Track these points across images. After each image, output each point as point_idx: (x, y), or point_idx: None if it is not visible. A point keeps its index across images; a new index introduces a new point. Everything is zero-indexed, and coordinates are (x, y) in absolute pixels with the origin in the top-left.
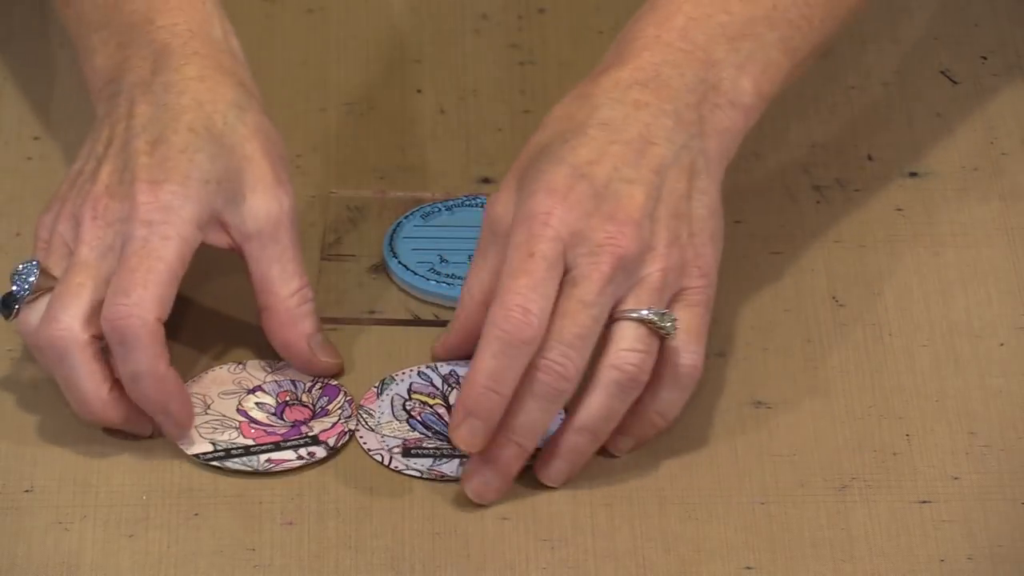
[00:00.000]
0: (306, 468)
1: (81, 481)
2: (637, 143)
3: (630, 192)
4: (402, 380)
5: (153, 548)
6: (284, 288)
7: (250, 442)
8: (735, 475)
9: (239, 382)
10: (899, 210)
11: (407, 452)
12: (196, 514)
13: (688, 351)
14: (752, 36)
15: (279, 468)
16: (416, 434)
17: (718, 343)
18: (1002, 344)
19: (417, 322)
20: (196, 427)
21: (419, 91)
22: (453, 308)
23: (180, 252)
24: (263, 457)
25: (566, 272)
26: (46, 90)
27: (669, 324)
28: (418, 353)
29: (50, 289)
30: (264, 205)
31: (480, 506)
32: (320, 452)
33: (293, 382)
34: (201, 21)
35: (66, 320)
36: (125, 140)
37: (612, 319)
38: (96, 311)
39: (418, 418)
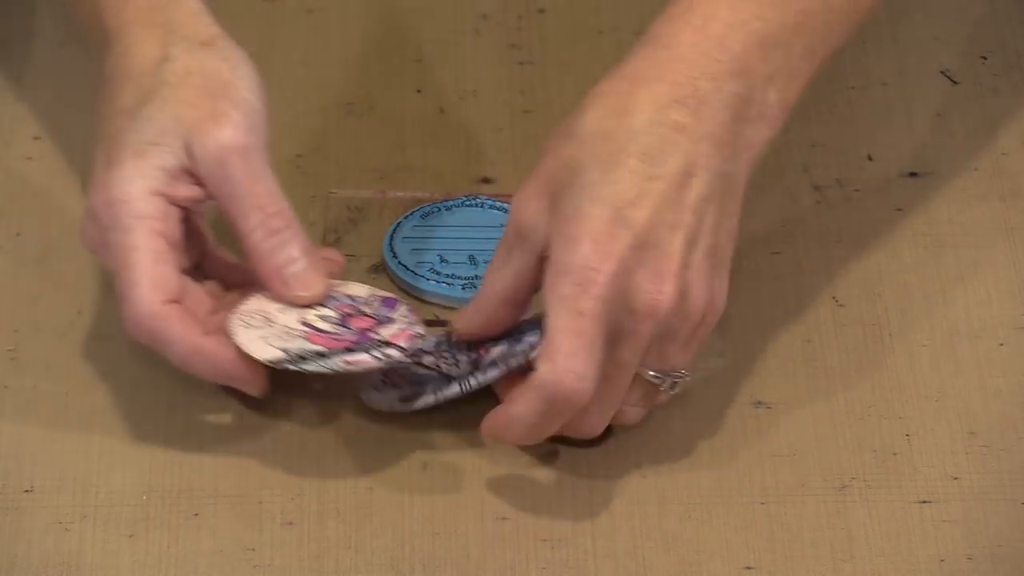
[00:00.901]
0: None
1: (81, 481)
2: (677, 177)
3: (670, 239)
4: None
5: (153, 548)
6: (244, 224)
7: (322, 348)
8: (735, 475)
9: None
10: (899, 210)
11: (405, 399)
12: (196, 514)
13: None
14: (782, 45)
15: (357, 368)
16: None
17: (718, 343)
18: (1002, 344)
19: None
20: (265, 338)
21: (419, 91)
22: (453, 308)
23: (149, 230)
24: (338, 359)
25: None
26: (46, 90)
27: (673, 387)
28: None
29: None
30: (203, 145)
31: (480, 506)
32: (395, 354)
33: (351, 297)
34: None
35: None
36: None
37: None
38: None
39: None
